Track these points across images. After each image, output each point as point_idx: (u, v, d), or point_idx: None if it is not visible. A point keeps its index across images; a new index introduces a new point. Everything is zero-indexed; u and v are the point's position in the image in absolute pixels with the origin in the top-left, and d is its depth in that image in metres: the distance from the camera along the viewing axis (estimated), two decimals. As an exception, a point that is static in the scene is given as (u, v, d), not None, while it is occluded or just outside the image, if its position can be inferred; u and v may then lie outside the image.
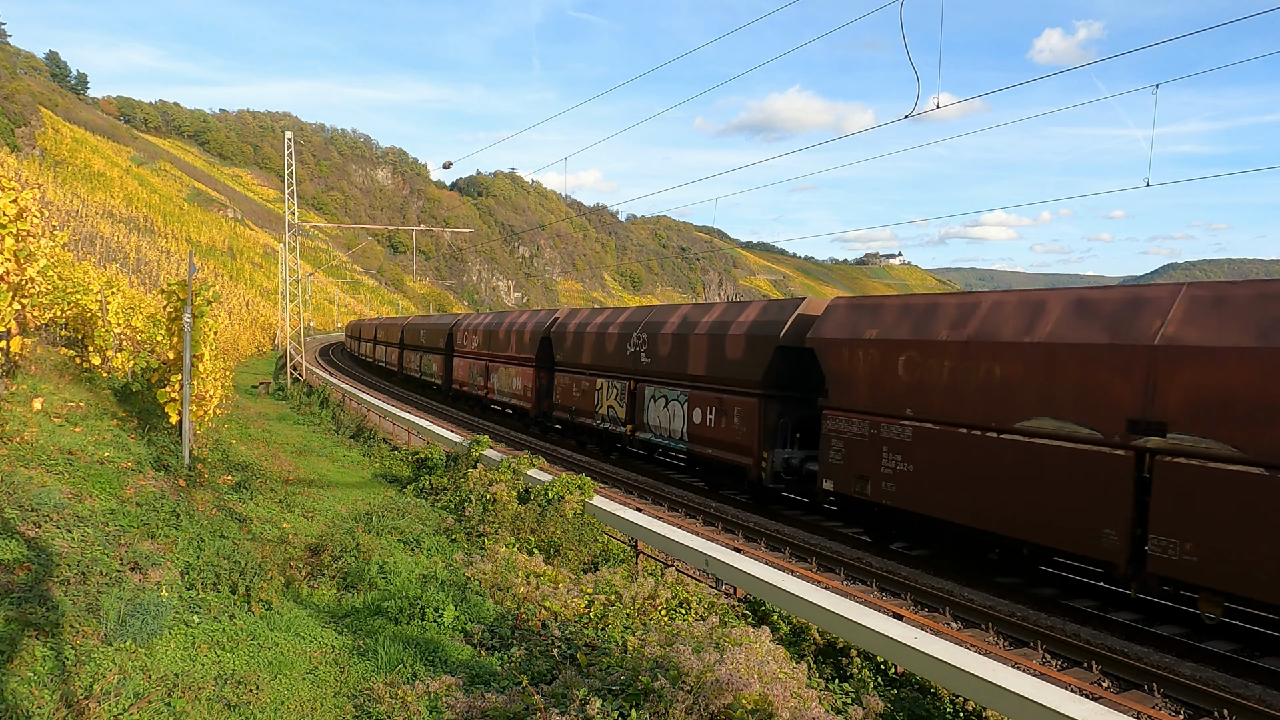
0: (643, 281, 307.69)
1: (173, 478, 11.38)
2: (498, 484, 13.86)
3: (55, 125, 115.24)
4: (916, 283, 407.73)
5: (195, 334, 12.87)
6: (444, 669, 6.98)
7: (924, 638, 7.24)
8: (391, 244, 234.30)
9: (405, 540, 11.43)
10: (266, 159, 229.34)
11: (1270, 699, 8.81)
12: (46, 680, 5.51)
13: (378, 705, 6.19)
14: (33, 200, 10.81)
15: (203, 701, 5.87)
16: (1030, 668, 9.15)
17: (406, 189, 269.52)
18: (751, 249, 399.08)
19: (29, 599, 6.33)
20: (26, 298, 11.22)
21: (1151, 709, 8.69)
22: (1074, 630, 10.76)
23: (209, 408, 14.98)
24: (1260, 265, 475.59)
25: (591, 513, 12.84)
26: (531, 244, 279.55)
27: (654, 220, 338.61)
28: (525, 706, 5.98)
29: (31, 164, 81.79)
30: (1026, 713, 5.99)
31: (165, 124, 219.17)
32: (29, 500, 8.07)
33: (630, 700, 6.03)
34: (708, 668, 6.02)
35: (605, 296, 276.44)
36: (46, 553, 7.17)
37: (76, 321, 17.43)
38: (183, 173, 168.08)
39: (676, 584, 9.60)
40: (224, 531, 9.80)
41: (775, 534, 15.39)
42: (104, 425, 12.08)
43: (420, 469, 18.44)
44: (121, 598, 6.74)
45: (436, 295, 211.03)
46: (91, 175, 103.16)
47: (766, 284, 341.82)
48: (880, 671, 8.10)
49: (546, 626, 8.23)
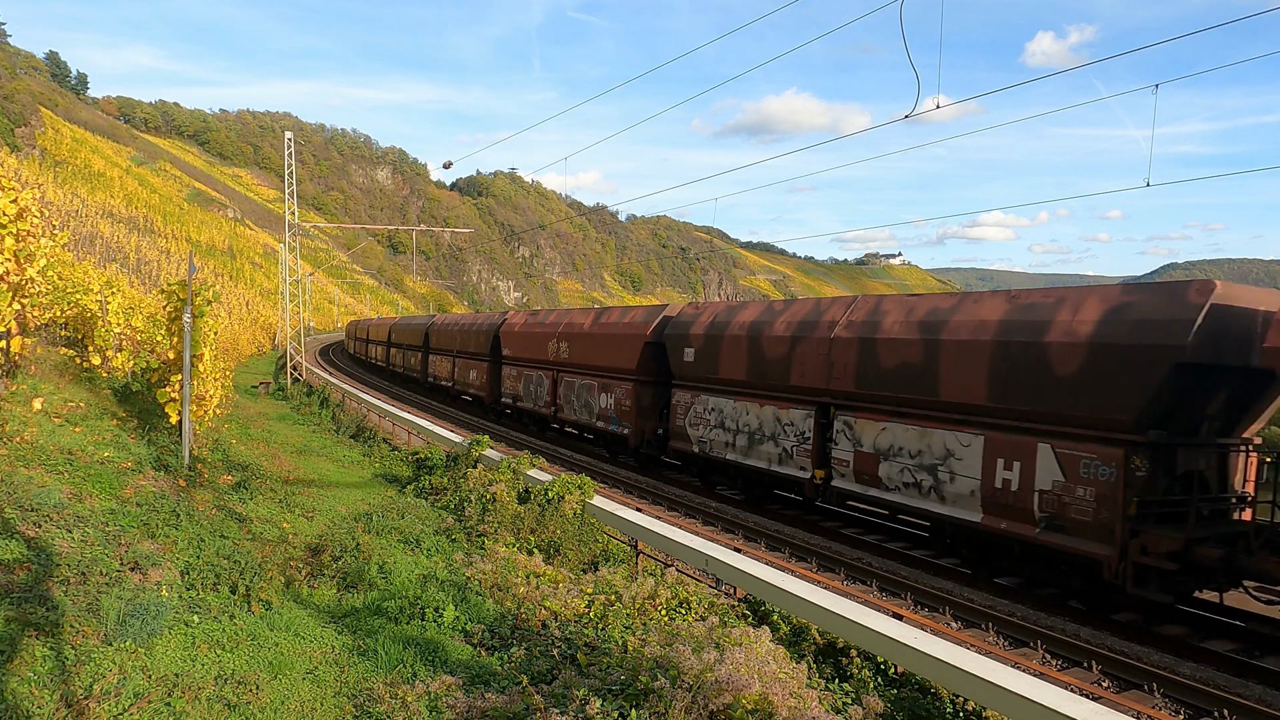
0: (643, 281, 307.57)
1: (173, 478, 11.38)
2: (498, 484, 13.86)
3: (55, 125, 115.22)
4: (916, 283, 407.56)
5: (195, 334, 12.86)
6: (444, 669, 6.98)
7: (924, 638, 7.24)
8: (391, 244, 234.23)
9: (405, 540, 11.43)
10: (266, 159, 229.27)
11: (1270, 699, 8.81)
12: (46, 680, 5.51)
13: (378, 705, 6.19)
14: (33, 200, 10.80)
15: (203, 701, 5.87)
16: (1030, 668, 9.14)
17: (406, 189, 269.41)
18: (751, 249, 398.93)
19: (29, 599, 6.32)
20: (26, 298, 11.22)
21: (1151, 709, 8.69)
22: (1074, 630, 10.76)
23: (209, 408, 14.98)
24: (1259, 265, 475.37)
25: (591, 513, 12.84)
26: (531, 244, 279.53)
27: (654, 220, 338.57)
28: (525, 706, 5.98)
29: (31, 164, 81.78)
30: (1026, 713, 5.99)
31: (165, 124, 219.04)
32: (29, 500, 8.07)
33: (630, 700, 6.03)
34: (707, 668, 6.02)
35: (605, 296, 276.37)
36: (46, 553, 7.17)
37: (76, 321, 17.42)
38: (183, 173, 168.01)
39: (676, 584, 9.60)
40: (224, 531, 9.80)
41: (775, 534, 15.39)
42: (104, 425, 12.08)
43: (420, 469, 18.44)
44: (121, 598, 6.74)
45: (436, 295, 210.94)
46: (91, 175, 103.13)
47: (766, 284, 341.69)
48: (880, 671, 8.10)
49: (546, 626, 8.23)
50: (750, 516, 16.92)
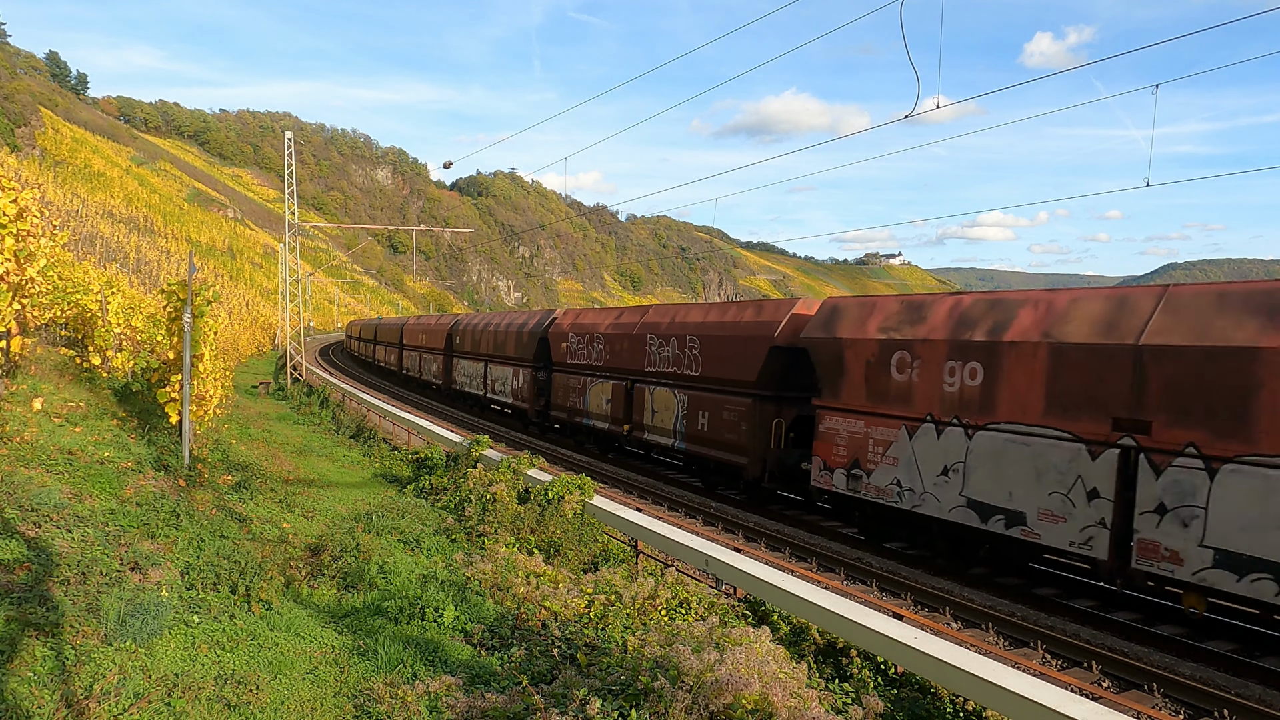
0: (643, 281, 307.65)
1: (173, 478, 11.38)
2: (498, 484, 13.86)
3: (55, 125, 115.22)
4: (916, 283, 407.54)
5: (195, 334, 12.86)
6: (444, 669, 6.98)
7: (924, 638, 7.24)
8: (391, 244, 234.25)
9: (405, 540, 11.43)
10: (266, 159, 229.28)
11: (1270, 699, 8.82)
12: (46, 680, 5.51)
13: (378, 705, 6.19)
14: (33, 200, 10.80)
15: (203, 701, 5.87)
16: (1030, 668, 9.14)
17: (406, 189, 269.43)
18: (751, 249, 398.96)
19: (29, 599, 6.33)
20: (26, 298, 11.22)
21: (1151, 709, 8.69)
22: (1074, 630, 10.76)
23: (209, 408, 14.98)
24: (1259, 265, 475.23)
25: (591, 513, 12.84)
26: (531, 244, 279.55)
27: (654, 220, 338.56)
28: (525, 706, 5.98)
29: (31, 164, 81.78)
30: (1026, 713, 5.99)
31: (165, 124, 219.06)
32: (29, 500, 8.07)
33: (630, 700, 6.03)
34: (708, 668, 6.02)
35: (605, 296, 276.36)
36: (46, 553, 7.17)
37: (76, 321, 17.42)
38: (183, 173, 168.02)
39: (676, 584, 9.60)
40: (224, 531, 9.80)
41: (775, 534, 15.39)
42: (104, 425, 12.08)
43: (420, 469, 18.44)
44: (121, 598, 6.74)
45: (436, 295, 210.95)
46: (91, 175, 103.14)
47: (766, 284, 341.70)
48: (880, 671, 8.10)
49: (546, 626, 8.23)
50: (750, 516, 16.91)
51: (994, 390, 12.12)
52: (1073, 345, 11.15)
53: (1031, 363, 11.60)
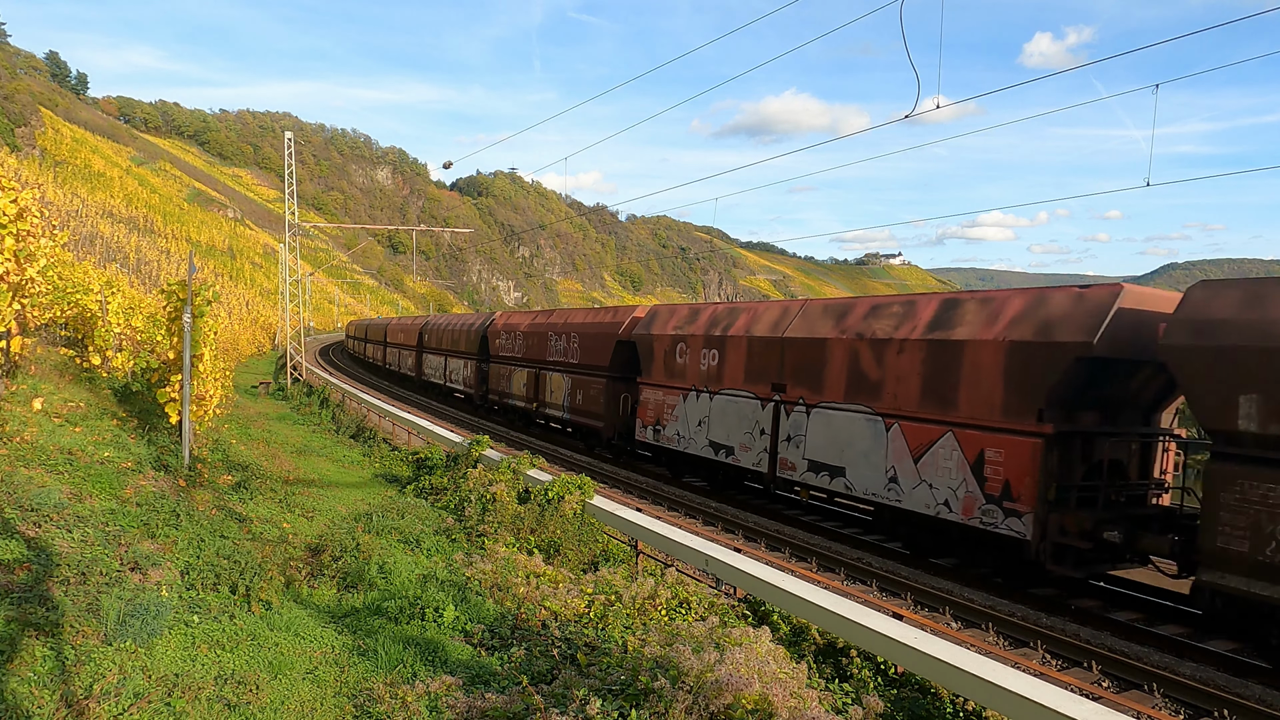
0: (643, 281, 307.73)
1: (173, 478, 11.38)
2: (497, 484, 13.86)
3: (55, 125, 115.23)
4: (917, 282, 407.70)
5: (195, 334, 12.86)
6: (444, 669, 6.98)
7: (924, 638, 7.24)
8: (391, 244, 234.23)
9: (405, 540, 11.43)
10: (266, 159, 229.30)
11: (1270, 699, 8.81)
12: (46, 680, 5.50)
13: (378, 705, 6.19)
14: (33, 200, 10.80)
15: (203, 701, 5.87)
16: (1030, 668, 9.14)
17: (406, 189, 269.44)
18: (751, 249, 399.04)
19: (29, 599, 6.32)
20: (26, 298, 11.21)
21: (1151, 709, 8.69)
22: (1074, 630, 10.76)
23: (209, 408, 14.98)
24: (1259, 265, 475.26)
25: (591, 513, 12.85)
26: (531, 244, 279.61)
27: (654, 220, 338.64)
28: (525, 706, 5.98)
29: (31, 164, 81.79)
30: (1026, 713, 5.99)
31: (165, 124, 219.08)
32: (29, 500, 8.07)
33: (630, 700, 6.03)
34: (708, 668, 6.02)
35: (605, 296, 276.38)
36: (46, 553, 7.17)
37: (76, 321, 17.42)
38: (183, 173, 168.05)
39: (676, 584, 9.60)
40: (224, 531, 9.79)
41: (775, 534, 15.39)
42: (104, 425, 12.08)
43: (420, 469, 18.45)
44: (121, 598, 6.74)
45: (436, 295, 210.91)
46: (91, 175, 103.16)
47: (766, 284, 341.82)
48: (880, 671, 8.10)
49: (546, 626, 8.23)
50: (750, 516, 16.92)
51: (722, 368, 18.32)
52: (758, 338, 17.19)
53: (740, 349, 17.73)
